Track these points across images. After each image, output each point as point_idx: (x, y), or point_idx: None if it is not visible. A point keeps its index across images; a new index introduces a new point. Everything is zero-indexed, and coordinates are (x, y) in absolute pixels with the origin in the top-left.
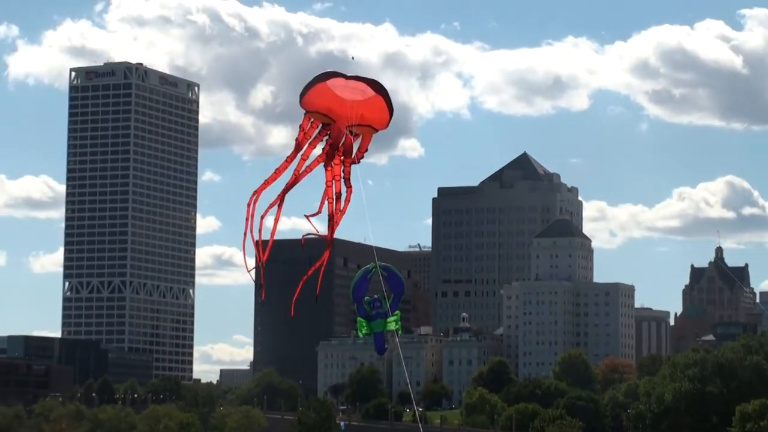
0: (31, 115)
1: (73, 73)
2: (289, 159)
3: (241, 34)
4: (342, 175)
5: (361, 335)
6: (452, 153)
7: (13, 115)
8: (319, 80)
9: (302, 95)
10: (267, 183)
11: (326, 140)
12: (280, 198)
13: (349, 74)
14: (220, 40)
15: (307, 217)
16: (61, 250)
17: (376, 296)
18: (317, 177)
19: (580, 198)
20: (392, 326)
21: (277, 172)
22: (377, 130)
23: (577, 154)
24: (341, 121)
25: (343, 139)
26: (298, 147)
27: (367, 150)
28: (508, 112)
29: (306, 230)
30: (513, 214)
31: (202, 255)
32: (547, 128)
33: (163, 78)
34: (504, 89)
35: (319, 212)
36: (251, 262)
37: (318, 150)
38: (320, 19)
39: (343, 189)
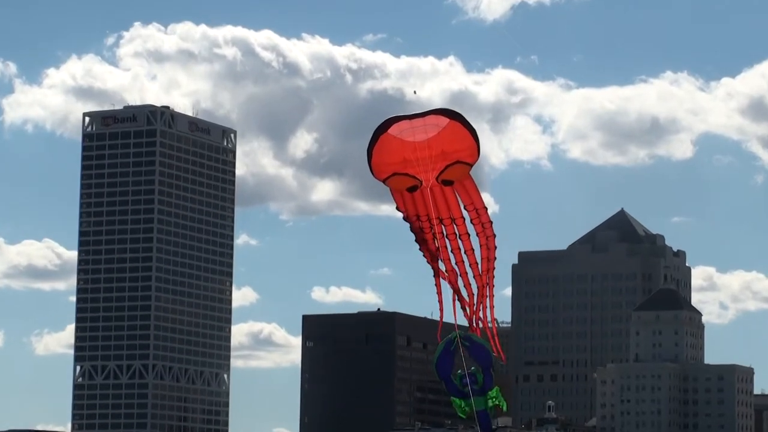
0: (32, 168)
1: (87, 119)
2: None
3: (278, 71)
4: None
5: (463, 416)
6: (533, 211)
7: (11, 168)
8: (381, 132)
9: (369, 159)
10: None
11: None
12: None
13: (411, 113)
14: (253, 78)
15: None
16: (71, 328)
17: (470, 370)
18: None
19: (687, 264)
20: (492, 403)
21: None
22: (470, 165)
23: (681, 212)
24: (424, 172)
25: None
26: (424, 241)
27: (482, 200)
28: (596, 162)
29: (359, 302)
30: (608, 282)
31: (237, 333)
32: (644, 181)
33: (194, 123)
34: (591, 135)
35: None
36: None
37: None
38: (372, 52)
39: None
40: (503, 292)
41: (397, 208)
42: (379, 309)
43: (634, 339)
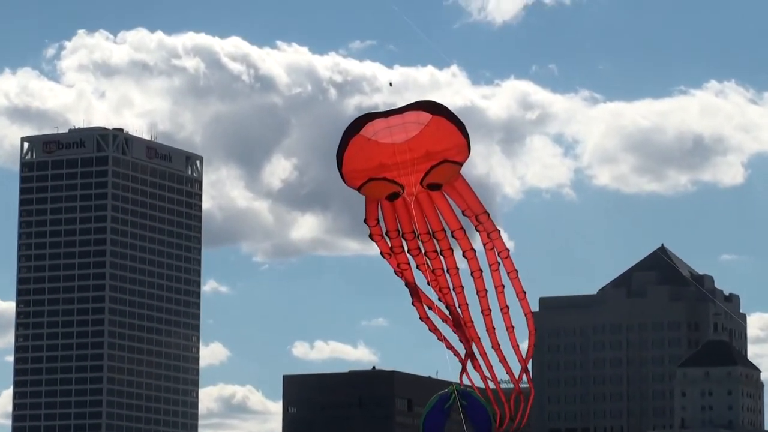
0: None
1: (26, 145)
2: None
3: (249, 86)
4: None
5: None
6: (555, 249)
7: None
8: (352, 134)
9: (340, 166)
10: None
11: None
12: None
13: (387, 110)
14: (219, 95)
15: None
16: (8, 393)
17: None
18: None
19: (741, 310)
20: None
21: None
22: (459, 164)
23: (732, 248)
24: (405, 175)
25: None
26: (397, 264)
27: (480, 203)
28: (628, 190)
29: (350, 359)
30: (647, 333)
31: (206, 398)
32: (687, 212)
33: (152, 149)
34: (622, 158)
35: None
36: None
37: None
38: (359, 62)
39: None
40: (521, 345)
41: (365, 221)
42: (374, 367)
43: (680, 401)
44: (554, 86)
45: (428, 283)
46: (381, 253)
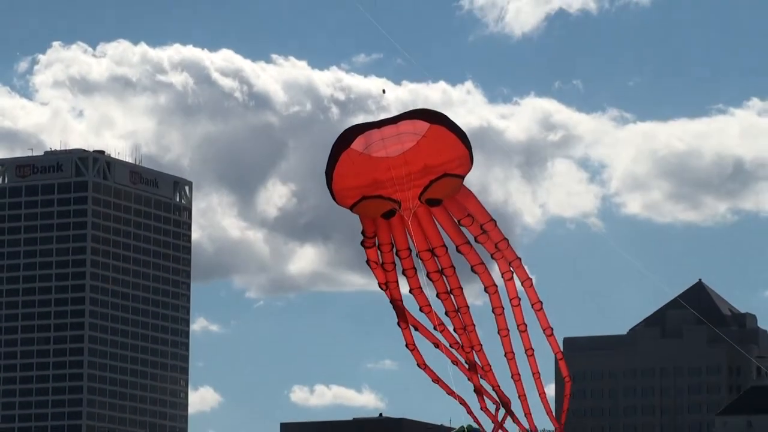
0: None
1: None
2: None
3: (242, 104)
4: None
5: None
6: (581, 284)
7: None
8: (342, 148)
9: (329, 184)
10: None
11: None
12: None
13: (380, 119)
14: (209, 114)
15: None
16: None
17: None
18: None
19: None
20: None
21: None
22: (461, 177)
23: None
24: (401, 191)
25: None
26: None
27: (487, 212)
28: (661, 219)
29: (354, 406)
30: (683, 378)
31: None
32: (726, 243)
33: (136, 173)
34: (654, 184)
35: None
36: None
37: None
38: (364, 78)
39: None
40: (545, 388)
41: (362, 231)
42: (380, 414)
43: None
44: (579, 104)
45: (420, 309)
46: (367, 261)
